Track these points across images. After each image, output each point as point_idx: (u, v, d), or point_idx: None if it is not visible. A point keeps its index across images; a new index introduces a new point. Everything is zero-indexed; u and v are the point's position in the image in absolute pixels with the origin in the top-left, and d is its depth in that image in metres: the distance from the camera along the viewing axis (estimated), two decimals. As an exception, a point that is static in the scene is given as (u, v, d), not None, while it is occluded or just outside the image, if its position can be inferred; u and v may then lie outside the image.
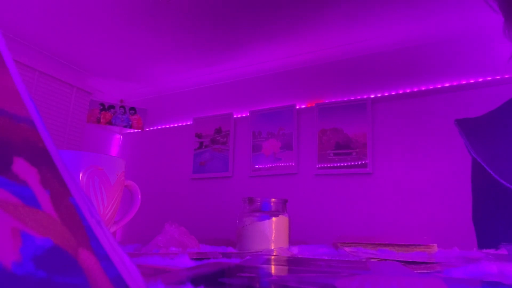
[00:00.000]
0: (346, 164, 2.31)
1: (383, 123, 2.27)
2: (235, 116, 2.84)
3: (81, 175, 0.41)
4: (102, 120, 2.99)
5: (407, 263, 0.39)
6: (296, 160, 2.50)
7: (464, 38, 2.13)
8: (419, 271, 0.32)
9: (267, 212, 0.60)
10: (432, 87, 2.17)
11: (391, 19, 2.07)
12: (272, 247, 0.57)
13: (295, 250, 0.57)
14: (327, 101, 2.49)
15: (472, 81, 2.07)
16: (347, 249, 0.53)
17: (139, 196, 0.53)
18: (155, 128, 3.24)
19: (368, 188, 2.23)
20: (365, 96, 2.36)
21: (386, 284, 0.23)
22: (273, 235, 0.58)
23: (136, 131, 3.27)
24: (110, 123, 3.02)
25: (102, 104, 3.01)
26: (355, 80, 2.43)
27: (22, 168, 0.12)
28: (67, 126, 2.83)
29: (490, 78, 2.03)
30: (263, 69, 2.74)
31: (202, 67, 2.79)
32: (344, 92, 2.45)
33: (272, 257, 0.42)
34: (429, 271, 0.33)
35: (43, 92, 2.65)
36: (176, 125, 3.14)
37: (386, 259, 0.42)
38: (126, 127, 3.09)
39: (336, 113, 2.41)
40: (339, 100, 2.43)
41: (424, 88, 2.20)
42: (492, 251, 0.56)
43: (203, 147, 2.90)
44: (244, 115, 2.81)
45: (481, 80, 2.05)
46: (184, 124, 3.09)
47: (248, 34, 2.29)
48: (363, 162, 2.25)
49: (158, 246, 0.51)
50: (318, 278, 0.26)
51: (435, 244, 0.52)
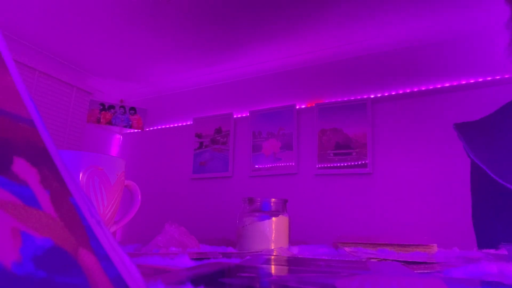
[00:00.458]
0: (346, 164, 2.31)
1: (383, 123, 2.27)
2: (235, 116, 2.84)
3: (81, 175, 0.41)
4: (102, 120, 2.99)
5: (407, 263, 0.39)
6: (296, 160, 2.50)
7: (464, 38, 2.13)
8: (419, 271, 0.32)
9: (267, 212, 0.60)
10: (432, 87, 2.17)
11: (391, 19, 2.07)
12: (272, 247, 0.57)
13: (295, 250, 0.57)
14: (327, 101, 2.49)
15: (472, 81, 2.07)
16: (347, 249, 0.53)
17: (139, 196, 0.53)
18: (155, 128, 3.24)
19: (368, 188, 2.23)
20: (365, 96, 2.36)
21: (386, 284, 0.23)
22: (273, 235, 0.58)
23: (136, 131, 3.27)
24: (110, 123, 3.01)
25: (102, 104, 3.01)
26: (355, 80, 2.43)
27: (22, 168, 0.12)
28: (67, 126, 2.83)
29: (490, 78, 2.03)
30: (263, 69, 2.74)
31: (202, 67, 2.79)
32: (344, 92, 2.45)
33: (272, 257, 0.42)
34: (429, 271, 0.33)
35: (43, 92, 2.65)
36: (176, 125, 3.14)
37: (386, 259, 0.42)
38: (126, 127, 3.09)
39: (336, 113, 2.41)
40: (339, 100, 2.43)
41: (424, 88, 2.20)
42: (492, 251, 0.56)
43: (203, 147, 2.90)
44: (244, 115, 2.81)
45: (481, 80, 2.05)
46: (184, 124, 3.09)
47: (248, 34, 2.29)
48: (363, 162, 2.25)
49: (158, 246, 0.51)
50: (318, 278, 0.26)
51: (435, 244, 0.52)
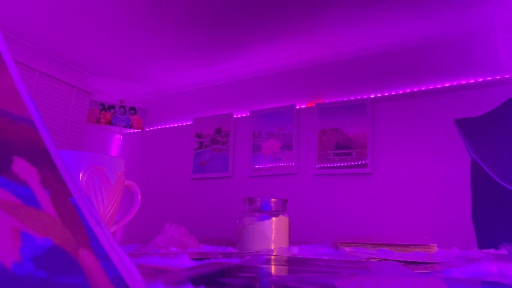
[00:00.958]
0: (346, 164, 2.31)
1: (383, 123, 2.27)
2: (235, 116, 2.84)
3: (81, 175, 0.41)
4: (102, 120, 2.99)
5: (407, 263, 0.39)
6: (296, 160, 2.50)
7: (464, 38, 2.13)
8: (419, 271, 0.32)
9: (267, 212, 0.60)
10: (432, 87, 2.17)
11: (391, 19, 2.07)
12: (272, 247, 0.57)
13: (295, 250, 0.57)
14: (327, 101, 2.49)
15: (472, 81, 2.07)
16: (347, 249, 0.53)
17: (139, 196, 0.53)
18: (155, 128, 3.24)
19: (368, 188, 2.23)
20: (365, 96, 2.36)
21: (386, 284, 0.23)
22: (273, 235, 0.58)
23: (136, 131, 3.27)
24: (110, 123, 3.01)
25: (102, 104, 3.01)
26: (355, 80, 2.43)
27: (22, 168, 0.12)
28: (67, 126, 2.83)
29: (490, 78, 2.03)
30: (263, 69, 2.74)
31: (202, 67, 2.79)
32: (344, 92, 2.45)
33: (272, 257, 0.42)
34: (429, 271, 0.33)
35: (43, 92, 2.65)
36: (176, 125, 3.14)
37: (386, 259, 0.42)
38: (126, 127, 3.09)
39: (336, 113, 2.41)
40: (339, 100, 2.43)
41: (424, 88, 2.20)
42: (492, 251, 0.56)
43: (203, 147, 2.90)
44: (244, 115, 2.81)
45: (481, 80, 2.05)
46: (184, 124, 3.09)
47: (248, 34, 2.29)
48: (363, 162, 2.25)
49: (158, 246, 0.51)
50: (318, 278, 0.26)
51: (435, 244, 0.52)
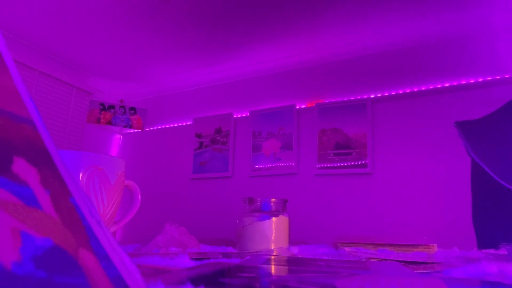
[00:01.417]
0: (346, 164, 2.31)
1: (383, 123, 2.27)
2: (235, 116, 2.84)
3: (81, 175, 0.41)
4: (102, 120, 2.99)
5: (407, 263, 0.39)
6: (296, 160, 2.50)
7: (464, 38, 2.13)
8: (419, 271, 0.32)
9: (267, 212, 0.60)
10: (432, 87, 2.17)
11: (391, 19, 2.07)
12: (272, 247, 0.57)
13: (295, 250, 0.57)
14: (327, 101, 2.49)
15: (472, 81, 2.07)
16: (347, 249, 0.53)
17: (139, 196, 0.53)
18: (155, 128, 3.24)
19: (368, 188, 2.23)
20: (365, 96, 2.36)
21: (386, 284, 0.23)
22: (273, 235, 0.58)
23: (136, 131, 3.27)
24: (110, 123, 3.01)
25: (102, 104, 3.01)
26: (355, 80, 2.43)
27: (22, 168, 0.12)
28: (67, 126, 2.83)
29: (490, 78, 2.03)
30: (263, 69, 2.74)
31: (202, 67, 2.79)
32: (344, 92, 2.45)
33: (272, 257, 0.42)
34: (429, 271, 0.33)
35: (43, 92, 2.65)
36: (176, 125, 3.14)
37: (386, 259, 0.42)
38: (126, 127, 3.09)
39: (336, 113, 2.41)
40: (339, 100, 2.43)
41: (424, 88, 2.20)
42: (492, 251, 0.56)
43: (203, 147, 2.90)
44: (244, 115, 2.81)
45: (481, 80, 2.05)
46: (184, 124, 3.09)
47: (248, 34, 2.29)
48: (363, 162, 2.25)
49: (158, 246, 0.51)
50: (318, 278, 0.26)
51: (435, 244, 0.52)
